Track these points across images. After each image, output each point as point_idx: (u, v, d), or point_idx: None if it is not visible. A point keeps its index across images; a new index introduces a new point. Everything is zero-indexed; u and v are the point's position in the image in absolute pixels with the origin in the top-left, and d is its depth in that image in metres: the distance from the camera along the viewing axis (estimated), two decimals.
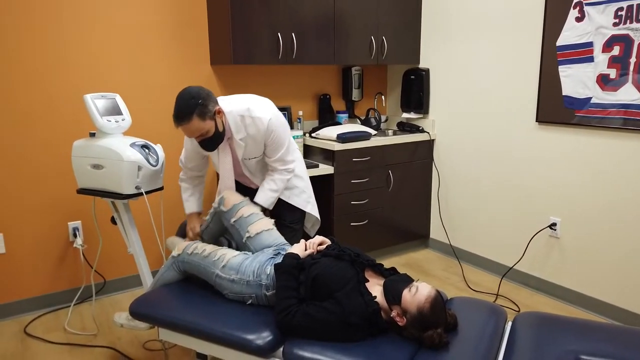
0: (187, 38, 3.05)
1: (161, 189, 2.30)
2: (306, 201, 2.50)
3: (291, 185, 2.43)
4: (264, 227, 2.03)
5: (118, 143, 2.14)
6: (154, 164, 2.19)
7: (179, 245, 2.08)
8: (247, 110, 2.14)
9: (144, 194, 2.16)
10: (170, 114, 3.06)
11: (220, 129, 2.09)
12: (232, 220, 2.05)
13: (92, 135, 2.23)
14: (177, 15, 2.99)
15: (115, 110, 2.24)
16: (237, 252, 1.93)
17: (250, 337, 1.65)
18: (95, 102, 2.18)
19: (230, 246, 2.19)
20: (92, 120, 2.16)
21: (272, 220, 2.11)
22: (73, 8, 2.69)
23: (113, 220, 2.36)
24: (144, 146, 2.19)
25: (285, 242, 2.07)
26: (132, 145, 2.15)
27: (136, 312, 1.85)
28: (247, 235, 1.99)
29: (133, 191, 2.14)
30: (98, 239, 2.93)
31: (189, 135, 2.06)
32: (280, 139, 2.20)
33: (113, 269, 3.03)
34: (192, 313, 1.79)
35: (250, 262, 1.86)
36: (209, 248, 1.98)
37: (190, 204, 2.39)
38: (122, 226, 2.33)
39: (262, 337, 1.65)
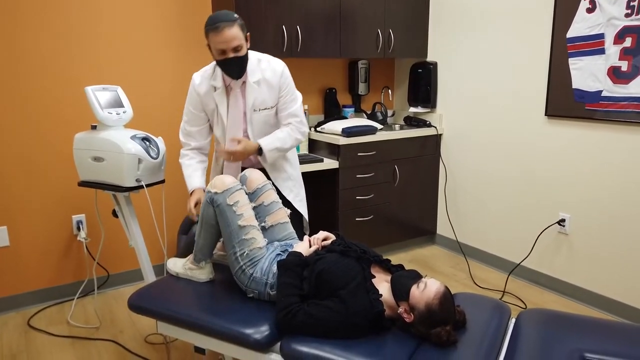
0: (191, 31, 3.03)
1: (162, 182, 2.28)
2: (290, 189, 2.30)
3: (279, 166, 2.26)
4: (280, 220, 1.99)
5: (119, 135, 2.13)
6: (155, 156, 2.17)
7: (222, 182, 1.84)
8: (264, 56, 2.13)
9: (144, 186, 2.15)
10: (172, 106, 3.05)
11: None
12: (253, 205, 1.94)
13: (94, 127, 2.22)
14: (181, 7, 2.97)
15: (116, 103, 2.23)
16: (264, 243, 1.85)
17: (249, 331, 1.63)
18: (97, 95, 2.17)
19: None
20: (93, 112, 2.15)
21: (288, 211, 2.06)
22: (75, 0, 2.68)
23: (115, 213, 2.35)
24: (145, 139, 2.18)
25: (296, 237, 2.04)
26: (133, 137, 2.14)
27: (135, 305, 1.84)
28: (262, 225, 1.95)
29: (134, 184, 2.13)
30: (101, 232, 2.93)
31: (225, 44, 1.91)
32: (293, 90, 2.16)
33: (117, 263, 3.03)
34: (191, 307, 1.78)
35: (265, 259, 1.82)
36: (247, 214, 1.83)
37: (194, 179, 2.16)
38: (123, 219, 2.33)
39: (261, 332, 1.63)
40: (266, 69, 2.10)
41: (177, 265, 2.01)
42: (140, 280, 3.10)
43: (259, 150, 2.09)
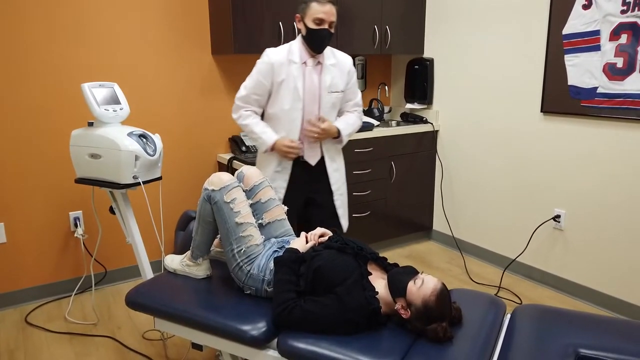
0: (188, 27, 3.02)
1: (159, 178, 2.28)
2: (337, 186, 2.45)
3: (335, 156, 2.43)
4: (277, 217, 2.00)
5: (116, 132, 2.13)
6: (152, 153, 2.17)
7: (220, 179, 1.84)
8: (332, 48, 2.35)
9: (141, 183, 2.15)
10: (169, 103, 3.05)
11: None
12: (250, 202, 1.95)
13: (90, 124, 2.22)
14: (179, 4, 2.97)
15: (113, 100, 2.23)
16: (261, 240, 1.86)
17: (245, 327, 1.64)
18: (93, 91, 2.17)
19: None
20: (90, 109, 2.15)
21: (285, 208, 2.08)
22: None
23: (112, 210, 2.35)
24: (142, 136, 2.18)
25: (293, 234, 2.05)
26: (130, 134, 2.14)
27: (132, 302, 1.85)
28: (259, 222, 1.96)
29: (131, 181, 2.14)
30: (98, 229, 2.93)
31: (326, 14, 2.14)
32: (356, 83, 2.41)
33: (114, 259, 3.04)
34: (188, 303, 1.78)
35: (262, 256, 1.83)
36: (244, 211, 1.83)
37: (269, 133, 2.28)
38: (120, 216, 2.33)
39: (258, 328, 1.64)
40: (339, 56, 2.34)
41: (174, 261, 2.02)
42: (138, 276, 3.11)
43: (337, 133, 2.32)
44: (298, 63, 2.23)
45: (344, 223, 2.50)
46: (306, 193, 2.41)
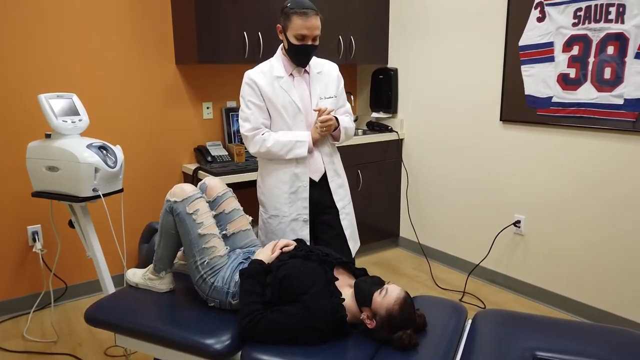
0: (151, 36, 2.99)
1: (121, 191, 2.24)
2: (342, 200, 2.25)
3: (339, 170, 2.27)
4: (241, 227, 1.98)
5: (74, 144, 2.09)
6: (113, 165, 2.13)
7: (182, 190, 1.81)
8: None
9: (101, 196, 2.10)
10: (130, 114, 3.00)
11: None
12: (213, 213, 1.92)
13: (48, 136, 2.17)
14: (140, 13, 2.93)
15: (72, 111, 2.18)
16: (225, 252, 1.83)
17: (209, 341, 1.62)
18: (51, 102, 2.12)
19: None
20: (47, 120, 2.10)
21: (250, 218, 2.05)
22: (28, 2, 2.61)
23: (71, 224, 2.30)
24: (102, 147, 2.14)
25: (258, 243, 2.04)
26: (89, 146, 2.10)
27: (92, 318, 1.80)
28: (224, 233, 1.94)
29: (90, 194, 2.09)
30: (57, 243, 2.85)
31: (309, 30, 1.98)
32: (344, 91, 2.31)
33: (75, 274, 2.95)
34: (150, 318, 1.75)
35: (226, 268, 1.81)
36: (207, 222, 1.80)
37: (298, 132, 2.11)
38: (80, 230, 2.27)
39: (221, 341, 1.62)
40: (324, 64, 2.23)
41: (136, 275, 1.98)
42: (100, 291, 3.02)
43: (336, 123, 2.14)
44: (285, 77, 2.10)
45: (352, 245, 2.27)
46: (313, 215, 2.22)
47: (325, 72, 2.20)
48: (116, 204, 2.86)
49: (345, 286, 1.73)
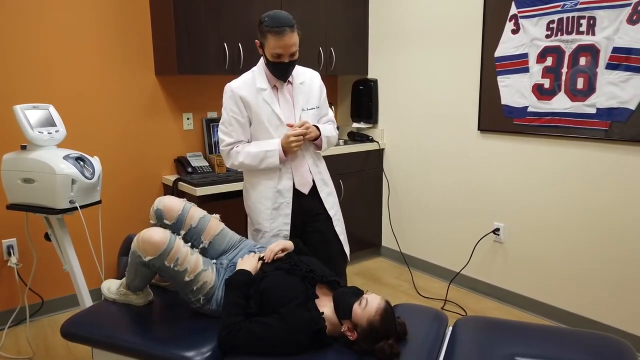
0: (130, 47, 2.97)
1: (99, 202, 2.21)
2: (333, 208, 2.26)
3: (327, 180, 2.27)
4: (215, 232, 1.93)
5: (51, 156, 2.06)
6: (90, 177, 2.11)
7: (152, 245, 1.68)
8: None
9: (78, 208, 2.07)
10: (108, 125, 2.97)
11: None
12: (182, 233, 1.87)
13: (23, 148, 2.13)
14: (118, 24, 2.91)
15: (48, 122, 2.15)
16: (214, 276, 1.78)
17: (189, 354, 1.60)
18: (26, 113, 2.09)
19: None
20: (23, 132, 2.06)
21: (218, 216, 2.00)
22: (3, 10, 2.57)
23: (47, 237, 2.25)
24: (79, 158, 2.11)
25: (236, 238, 1.99)
26: (66, 157, 2.07)
27: (68, 332, 1.76)
28: (201, 246, 1.91)
29: (67, 206, 2.06)
30: (33, 257, 2.79)
31: (285, 49, 1.95)
32: (327, 99, 2.32)
33: (51, 288, 2.89)
34: (128, 331, 1.72)
35: (218, 289, 1.78)
36: (191, 265, 1.71)
37: (269, 141, 2.09)
38: (56, 243, 2.23)
39: (202, 353, 1.60)
40: (305, 73, 2.22)
41: (111, 289, 1.93)
42: (77, 306, 2.96)
43: (317, 133, 2.14)
44: (268, 88, 2.09)
45: (347, 249, 2.32)
46: (304, 223, 2.22)
47: (307, 82, 2.20)
48: (94, 215, 2.82)
49: (327, 303, 1.71)
